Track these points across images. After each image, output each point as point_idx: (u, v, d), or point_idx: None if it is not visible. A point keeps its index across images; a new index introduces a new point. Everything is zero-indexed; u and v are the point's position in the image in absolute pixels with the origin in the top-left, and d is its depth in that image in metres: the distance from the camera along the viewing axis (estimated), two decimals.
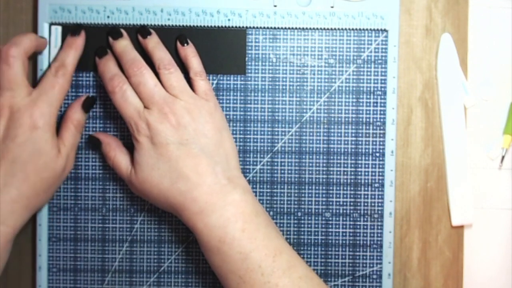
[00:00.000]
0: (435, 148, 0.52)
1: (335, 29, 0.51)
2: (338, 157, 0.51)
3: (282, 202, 0.51)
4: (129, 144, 0.49)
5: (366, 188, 0.51)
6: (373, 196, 0.51)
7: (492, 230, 0.53)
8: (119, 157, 0.49)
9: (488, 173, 0.53)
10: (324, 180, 0.51)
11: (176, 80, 0.47)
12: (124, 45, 0.49)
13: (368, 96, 0.51)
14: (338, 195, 0.51)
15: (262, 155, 0.51)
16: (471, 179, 0.53)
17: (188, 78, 0.49)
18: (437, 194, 0.52)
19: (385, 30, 0.51)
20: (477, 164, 0.53)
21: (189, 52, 0.49)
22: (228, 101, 0.51)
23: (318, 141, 0.51)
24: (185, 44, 0.49)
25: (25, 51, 0.47)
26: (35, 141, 0.46)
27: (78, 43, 0.49)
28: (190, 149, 0.46)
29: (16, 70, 0.46)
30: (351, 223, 0.51)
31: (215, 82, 0.51)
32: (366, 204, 0.51)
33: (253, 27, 0.51)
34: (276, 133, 0.51)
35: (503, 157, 0.53)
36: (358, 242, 0.51)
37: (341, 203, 0.51)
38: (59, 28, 0.50)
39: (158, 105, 0.46)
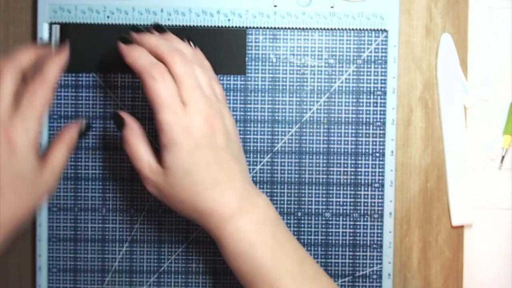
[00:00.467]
0: (435, 148, 0.52)
1: (335, 29, 0.51)
2: (338, 157, 0.51)
3: (282, 202, 0.51)
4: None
5: (366, 188, 0.51)
6: (373, 196, 0.51)
7: (492, 230, 0.53)
8: (141, 149, 0.44)
9: (488, 173, 0.53)
10: (324, 180, 0.51)
11: (207, 81, 0.45)
12: (156, 36, 0.45)
13: (368, 96, 0.51)
14: (338, 195, 0.51)
15: (262, 155, 0.51)
16: (471, 179, 0.53)
17: None
18: (437, 194, 0.52)
19: (385, 30, 0.51)
20: (477, 164, 0.53)
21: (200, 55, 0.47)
22: (228, 101, 0.51)
23: (318, 141, 0.51)
24: (195, 46, 0.48)
25: (20, 65, 0.43)
26: (15, 163, 0.42)
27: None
28: (226, 154, 0.44)
29: (4, 85, 0.42)
30: (351, 223, 0.51)
31: None
32: (366, 204, 0.51)
33: (253, 27, 0.51)
34: (276, 133, 0.51)
35: (503, 157, 0.53)
36: (358, 242, 0.51)
37: (341, 203, 0.51)
38: (58, 27, 0.50)
39: (200, 103, 0.43)
